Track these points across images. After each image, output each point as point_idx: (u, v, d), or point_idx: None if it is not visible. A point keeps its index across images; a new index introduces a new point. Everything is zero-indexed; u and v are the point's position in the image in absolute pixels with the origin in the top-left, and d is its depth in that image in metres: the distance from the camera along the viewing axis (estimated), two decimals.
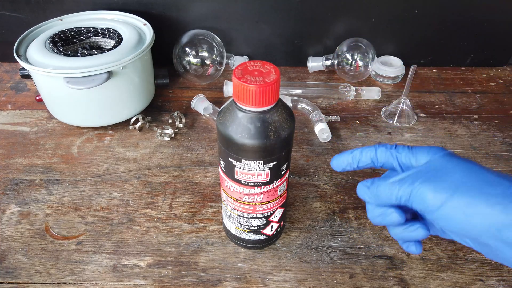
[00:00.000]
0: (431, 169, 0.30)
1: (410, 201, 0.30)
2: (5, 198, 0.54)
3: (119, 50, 0.61)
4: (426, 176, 0.29)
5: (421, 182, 0.29)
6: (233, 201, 0.42)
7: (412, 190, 0.29)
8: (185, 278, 0.44)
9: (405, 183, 0.30)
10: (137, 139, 0.64)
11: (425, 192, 0.29)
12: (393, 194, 0.30)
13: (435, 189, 0.28)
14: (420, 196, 0.29)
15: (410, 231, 0.31)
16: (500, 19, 0.76)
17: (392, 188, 0.31)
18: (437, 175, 0.29)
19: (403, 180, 0.30)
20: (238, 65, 0.35)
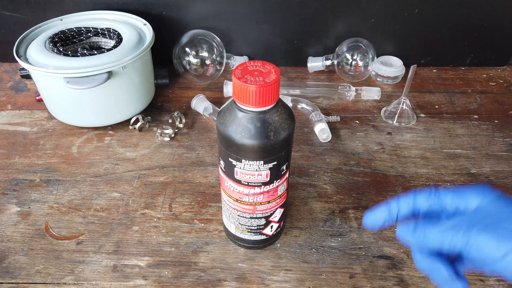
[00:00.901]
0: (486, 215, 0.28)
1: (466, 250, 0.27)
2: (5, 198, 0.54)
3: (119, 50, 0.61)
4: (483, 223, 0.27)
5: (479, 229, 0.27)
6: (233, 201, 0.42)
7: (469, 238, 0.27)
8: (185, 278, 0.44)
9: (460, 230, 0.27)
10: (137, 139, 0.64)
11: (486, 241, 0.26)
12: (446, 242, 0.28)
13: (497, 238, 0.26)
14: (479, 245, 0.27)
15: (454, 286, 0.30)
16: (500, 19, 0.76)
17: (444, 235, 0.28)
18: (495, 222, 0.27)
19: (457, 227, 0.28)
20: (238, 65, 0.35)
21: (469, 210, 0.30)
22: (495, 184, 0.56)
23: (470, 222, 0.28)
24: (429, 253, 0.30)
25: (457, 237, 0.27)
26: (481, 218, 0.28)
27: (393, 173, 0.58)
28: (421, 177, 0.57)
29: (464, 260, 0.30)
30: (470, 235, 0.27)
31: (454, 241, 0.28)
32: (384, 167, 0.59)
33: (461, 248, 0.27)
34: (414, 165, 0.59)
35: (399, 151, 0.62)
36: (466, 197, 0.30)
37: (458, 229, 0.28)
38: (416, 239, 0.30)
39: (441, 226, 0.29)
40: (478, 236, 0.27)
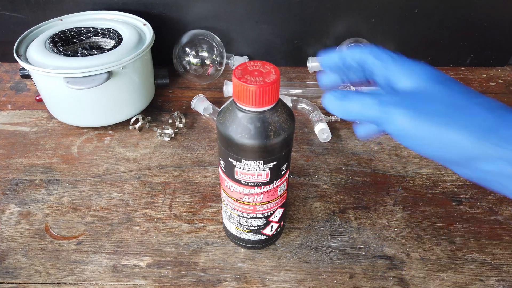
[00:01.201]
0: (411, 96, 0.28)
1: (382, 125, 0.29)
2: (5, 198, 0.54)
3: (119, 50, 0.61)
4: (405, 101, 0.28)
5: (398, 107, 0.28)
6: (233, 201, 0.42)
7: (384, 116, 0.28)
8: (185, 278, 0.44)
9: (382, 107, 0.28)
10: (137, 139, 0.64)
11: (398, 121, 0.28)
12: (367, 114, 0.29)
13: (409, 119, 0.27)
14: (392, 125, 0.28)
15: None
16: (500, 19, 0.76)
17: (366, 108, 0.29)
18: (418, 103, 0.28)
19: (382, 102, 0.29)
20: (238, 65, 0.35)
21: (401, 86, 0.30)
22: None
23: (397, 102, 0.28)
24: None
25: (379, 114, 0.28)
26: (410, 100, 0.28)
27: (393, 173, 0.58)
28: (421, 177, 0.57)
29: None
30: (390, 115, 0.28)
31: (373, 116, 0.29)
32: (384, 167, 0.59)
33: (379, 121, 0.29)
34: (414, 165, 0.59)
35: (399, 151, 0.62)
36: (403, 74, 0.30)
37: (380, 105, 0.28)
38: (340, 106, 0.30)
39: (368, 99, 0.29)
40: (395, 115, 0.28)
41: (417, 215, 0.52)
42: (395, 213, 0.52)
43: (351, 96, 0.30)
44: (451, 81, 0.29)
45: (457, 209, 0.53)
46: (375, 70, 0.32)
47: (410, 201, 0.54)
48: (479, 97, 0.28)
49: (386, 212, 0.52)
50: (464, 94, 0.28)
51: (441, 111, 0.27)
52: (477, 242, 0.48)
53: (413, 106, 0.28)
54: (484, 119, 0.26)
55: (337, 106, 0.31)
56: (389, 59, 0.31)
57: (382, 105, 0.28)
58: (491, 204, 0.53)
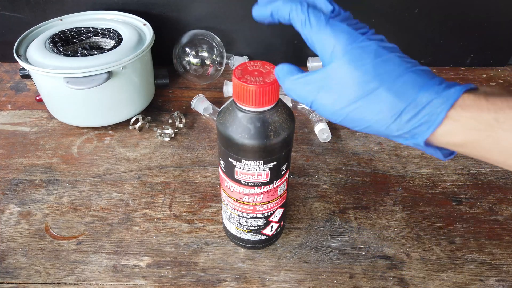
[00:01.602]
0: (331, 79, 0.28)
1: (313, 108, 0.30)
2: (5, 198, 0.54)
3: (119, 50, 0.61)
4: (327, 87, 0.28)
5: (321, 93, 0.29)
6: (233, 201, 0.42)
7: (313, 101, 0.29)
8: (185, 278, 0.44)
9: (310, 92, 0.29)
10: (137, 139, 0.64)
11: (325, 106, 0.29)
12: (303, 99, 0.30)
13: (331, 106, 0.28)
14: (320, 108, 0.29)
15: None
16: (500, 19, 0.76)
17: (301, 91, 0.30)
18: (335, 89, 0.28)
19: (309, 87, 0.29)
20: (238, 65, 0.35)
21: (325, 60, 0.30)
22: (495, 184, 0.56)
23: (320, 84, 0.29)
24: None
25: (307, 97, 0.30)
26: (328, 81, 0.29)
27: (393, 173, 0.58)
28: (421, 177, 0.57)
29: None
30: (315, 98, 0.29)
31: (304, 97, 0.30)
32: (384, 167, 0.59)
33: (309, 105, 0.30)
34: (414, 165, 0.59)
35: (399, 151, 0.62)
36: (324, 48, 0.30)
37: (310, 91, 0.29)
38: (283, 83, 0.31)
39: (301, 79, 0.30)
40: (320, 100, 0.29)
41: (417, 215, 0.52)
42: (395, 213, 0.52)
43: (291, 77, 0.31)
44: (367, 52, 0.28)
45: (457, 209, 0.53)
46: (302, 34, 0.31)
47: (410, 201, 0.54)
48: (391, 74, 0.27)
49: (386, 212, 0.52)
50: (376, 72, 0.27)
51: (351, 102, 0.28)
52: (477, 242, 0.48)
53: (328, 93, 0.28)
54: (391, 105, 0.27)
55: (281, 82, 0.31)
56: (313, 28, 0.29)
57: (307, 91, 0.29)
58: (491, 204, 0.53)
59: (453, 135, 0.26)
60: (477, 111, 0.25)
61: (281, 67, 0.31)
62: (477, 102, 0.25)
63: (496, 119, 0.24)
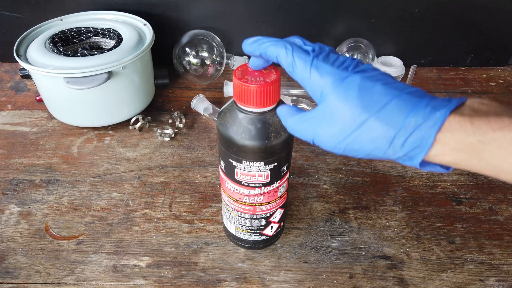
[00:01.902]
0: (325, 114, 0.30)
1: (315, 143, 0.31)
2: (5, 198, 0.54)
3: (119, 50, 0.61)
4: (323, 122, 0.30)
5: (320, 129, 0.30)
6: (233, 201, 0.42)
7: (314, 138, 0.31)
8: (185, 278, 0.44)
9: (310, 129, 0.31)
10: (137, 139, 0.64)
11: (325, 142, 0.30)
12: (305, 137, 0.32)
13: (331, 140, 0.30)
14: (321, 144, 0.31)
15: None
16: (500, 19, 0.76)
17: (302, 129, 0.32)
18: (331, 124, 0.29)
19: (308, 124, 0.31)
20: (239, 66, 0.35)
21: (316, 98, 0.31)
22: (495, 184, 0.56)
23: (316, 120, 0.30)
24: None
25: (307, 134, 0.31)
26: (321, 119, 0.30)
27: (393, 173, 0.58)
28: (421, 177, 0.57)
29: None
30: (314, 136, 0.31)
31: (307, 137, 0.31)
32: (384, 167, 0.59)
33: (314, 143, 0.31)
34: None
35: None
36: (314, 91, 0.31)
37: (307, 128, 0.31)
38: (283, 120, 0.33)
39: (297, 118, 0.32)
40: (321, 135, 0.30)
41: (417, 215, 0.52)
42: (395, 213, 0.52)
43: (289, 118, 0.33)
44: (352, 85, 0.29)
45: (457, 209, 0.53)
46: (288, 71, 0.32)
47: (410, 201, 0.54)
48: (379, 102, 0.28)
49: (386, 212, 0.52)
50: (364, 103, 0.28)
51: (347, 135, 0.29)
52: (477, 242, 0.48)
53: (325, 128, 0.30)
54: (383, 133, 0.28)
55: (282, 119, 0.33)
56: (300, 71, 0.31)
57: (307, 128, 0.31)
58: (491, 204, 0.53)
59: (444, 156, 0.27)
60: (463, 134, 0.26)
61: (280, 108, 0.34)
62: (462, 126, 0.26)
63: (482, 141, 0.25)
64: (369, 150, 0.29)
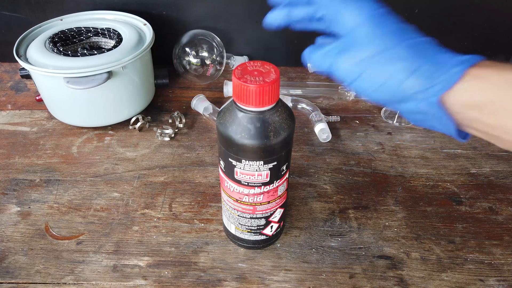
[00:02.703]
0: (351, 42, 0.30)
1: (333, 73, 0.32)
2: (5, 198, 0.54)
3: (119, 50, 0.61)
4: (346, 49, 0.31)
5: (340, 55, 0.31)
6: (233, 201, 0.42)
7: (332, 64, 0.31)
8: (185, 278, 0.44)
9: (330, 57, 0.32)
10: (137, 139, 0.64)
11: (343, 67, 0.31)
12: (323, 65, 0.33)
13: (350, 64, 0.30)
14: (341, 69, 0.31)
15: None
16: (500, 19, 0.76)
17: (321, 60, 0.33)
18: (355, 49, 0.30)
19: (328, 53, 0.32)
20: (238, 65, 0.35)
21: (345, 30, 0.31)
22: (495, 184, 0.56)
23: (337, 49, 0.31)
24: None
25: (328, 62, 0.32)
26: (346, 44, 0.31)
27: (393, 173, 0.58)
28: (421, 177, 0.57)
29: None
30: (334, 61, 0.31)
31: (327, 65, 0.32)
32: (384, 167, 0.59)
33: (331, 71, 0.32)
34: (414, 165, 0.59)
35: (399, 151, 0.62)
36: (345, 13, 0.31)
37: (328, 55, 0.32)
38: (309, 59, 0.34)
39: (322, 50, 0.33)
40: (339, 63, 0.31)
41: (417, 215, 0.52)
42: (395, 213, 0.52)
43: (314, 51, 0.34)
44: (387, 19, 0.30)
45: (457, 209, 0.53)
46: (322, 6, 0.33)
47: (410, 201, 0.54)
48: (410, 37, 0.29)
49: (386, 212, 0.52)
50: (396, 34, 0.29)
51: (370, 57, 0.29)
52: (477, 242, 0.48)
53: (348, 53, 0.30)
54: (408, 61, 0.28)
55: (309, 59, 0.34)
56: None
57: (326, 57, 0.32)
58: (491, 204, 0.53)
59: (471, 93, 0.26)
60: (500, 69, 0.26)
61: (306, 50, 0.35)
62: (498, 64, 0.26)
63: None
64: (385, 78, 0.28)
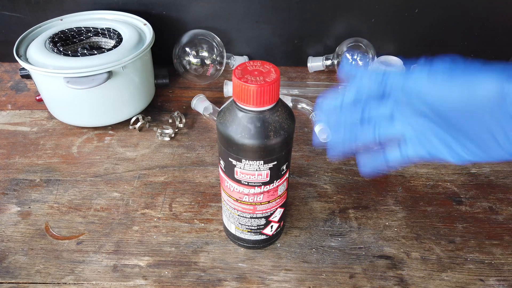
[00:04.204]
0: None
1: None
2: (5, 198, 0.54)
3: (119, 50, 0.61)
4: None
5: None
6: (233, 201, 0.42)
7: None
8: (185, 278, 0.44)
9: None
10: (137, 139, 0.64)
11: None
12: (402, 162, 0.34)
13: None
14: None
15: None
16: (500, 19, 0.76)
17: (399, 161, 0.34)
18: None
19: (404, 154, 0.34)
20: (238, 65, 0.35)
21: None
22: (495, 184, 0.56)
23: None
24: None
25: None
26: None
27: (393, 173, 0.58)
28: (421, 177, 0.57)
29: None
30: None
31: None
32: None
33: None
34: (414, 165, 0.59)
35: None
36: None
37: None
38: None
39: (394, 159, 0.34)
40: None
41: (417, 215, 0.52)
42: (395, 213, 0.52)
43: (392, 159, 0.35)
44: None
45: (457, 209, 0.53)
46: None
47: (410, 201, 0.54)
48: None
49: (386, 212, 0.52)
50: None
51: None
52: (477, 242, 0.48)
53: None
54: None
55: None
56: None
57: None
58: (491, 204, 0.53)
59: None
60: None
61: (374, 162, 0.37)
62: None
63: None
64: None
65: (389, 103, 0.33)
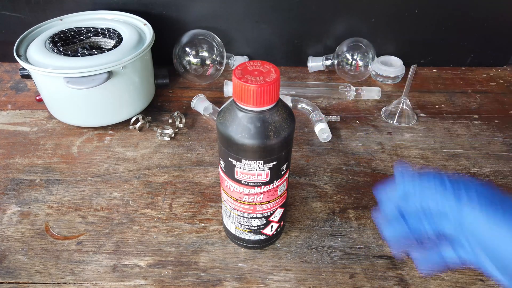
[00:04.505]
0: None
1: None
2: (5, 198, 0.54)
3: (119, 50, 0.61)
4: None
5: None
6: (233, 201, 0.42)
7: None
8: (185, 278, 0.44)
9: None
10: (137, 139, 0.64)
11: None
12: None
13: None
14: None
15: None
16: (500, 19, 0.76)
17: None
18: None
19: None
20: (238, 65, 0.35)
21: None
22: (495, 184, 0.56)
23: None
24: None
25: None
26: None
27: (394, 173, 0.58)
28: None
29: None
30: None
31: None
32: (384, 167, 0.59)
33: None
34: (414, 165, 0.59)
35: (399, 151, 0.62)
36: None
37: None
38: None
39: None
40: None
41: None
42: None
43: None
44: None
45: None
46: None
47: None
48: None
49: None
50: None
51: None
52: None
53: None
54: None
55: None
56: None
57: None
58: None
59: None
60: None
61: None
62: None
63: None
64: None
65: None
